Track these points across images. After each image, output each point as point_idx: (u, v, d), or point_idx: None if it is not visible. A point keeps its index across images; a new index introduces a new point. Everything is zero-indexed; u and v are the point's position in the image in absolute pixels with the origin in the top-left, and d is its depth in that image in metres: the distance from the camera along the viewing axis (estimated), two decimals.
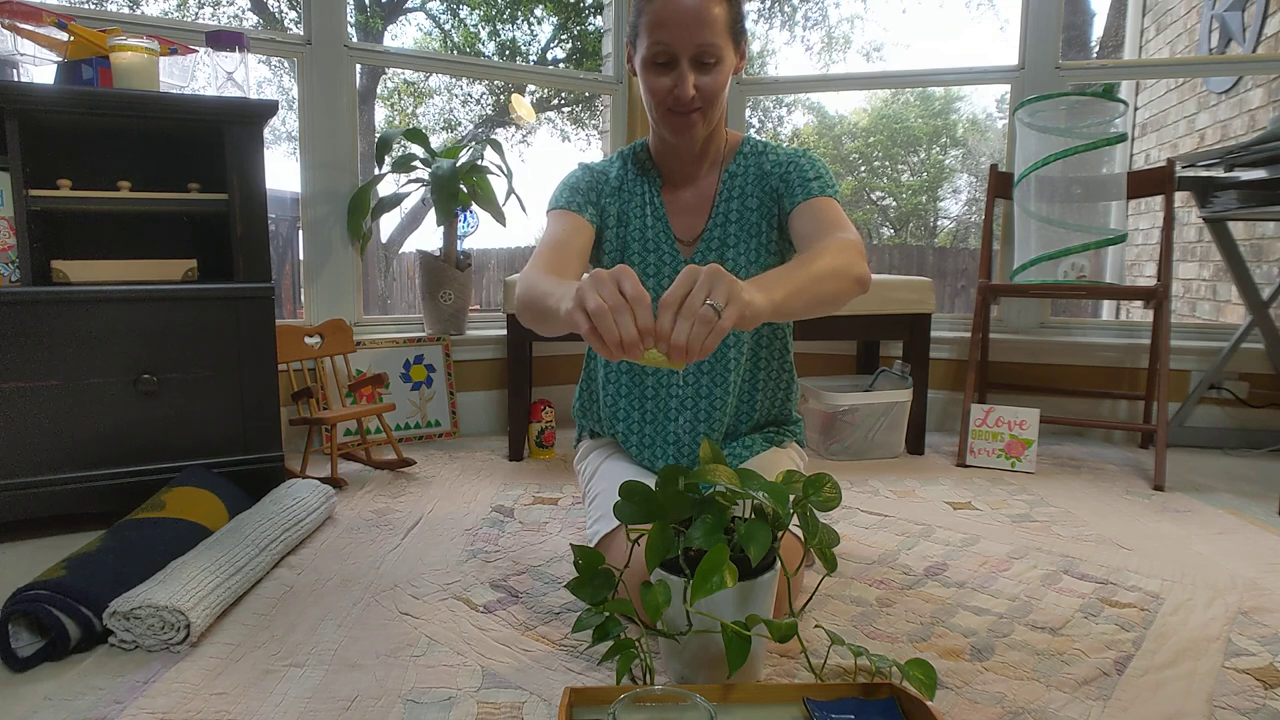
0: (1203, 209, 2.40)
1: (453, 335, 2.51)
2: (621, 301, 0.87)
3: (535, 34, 10.39)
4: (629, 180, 1.39)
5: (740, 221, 1.35)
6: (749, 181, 1.36)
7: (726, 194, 1.36)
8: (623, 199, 1.38)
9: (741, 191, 1.36)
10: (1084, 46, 7.67)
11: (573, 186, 1.36)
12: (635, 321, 0.86)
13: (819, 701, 0.93)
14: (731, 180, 1.36)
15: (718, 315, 0.86)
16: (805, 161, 1.31)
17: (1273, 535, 1.67)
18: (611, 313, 0.86)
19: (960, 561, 1.50)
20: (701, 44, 1.19)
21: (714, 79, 1.22)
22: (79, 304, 1.56)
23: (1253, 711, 1.00)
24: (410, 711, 0.98)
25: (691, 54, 1.20)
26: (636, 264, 1.37)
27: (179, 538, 1.35)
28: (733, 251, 1.36)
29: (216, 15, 9.47)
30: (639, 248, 1.38)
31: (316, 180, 2.36)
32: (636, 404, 1.41)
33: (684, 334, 0.85)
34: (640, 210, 1.38)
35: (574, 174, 1.39)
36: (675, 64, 1.21)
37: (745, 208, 1.35)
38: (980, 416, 2.24)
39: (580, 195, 1.35)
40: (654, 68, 1.22)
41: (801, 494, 1.03)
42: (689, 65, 1.20)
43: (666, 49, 1.20)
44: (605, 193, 1.37)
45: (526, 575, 1.41)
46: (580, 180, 1.37)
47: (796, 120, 14.54)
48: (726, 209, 1.36)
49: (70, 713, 0.97)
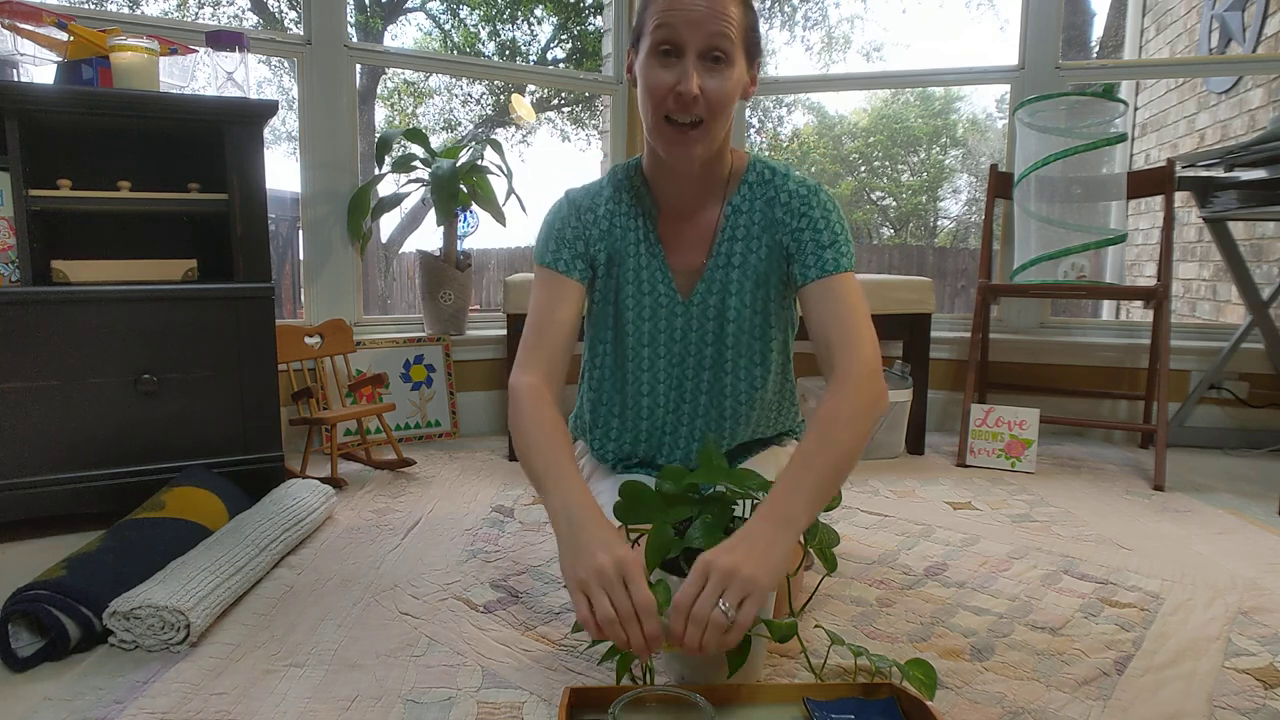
0: (1203, 209, 2.40)
1: (453, 335, 2.51)
2: (629, 611, 0.87)
3: (535, 34, 10.39)
4: (621, 214, 1.25)
5: (743, 267, 1.23)
6: (755, 222, 1.22)
7: (730, 232, 1.23)
8: (614, 238, 1.25)
9: (746, 233, 1.22)
10: (1084, 46, 7.67)
11: (558, 236, 1.24)
12: (644, 631, 0.87)
13: (819, 701, 0.93)
14: (736, 216, 1.22)
15: (730, 620, 0.85)
16: (819, 215, 1.18)
17: (1273, 535, 1.67)
18: (621, 621, 0.87)
19: (960, 561, 1.50)
20: (713, 33, 1.07)
21: (721, 84, 1.09)
22: (79, 304, 1.56)
23: (1253, 711, 1.00)
24: (410, 711, 0.98)
25: (700, 47, 1.08)
26: (630, 307, 1.26)
27: (179, 538, 1.35)
28: (735, 300, 1.24)
29: (216, 15, 9.47)
30: (633, 290, 1.26)
31: (316, 180, 2.36)
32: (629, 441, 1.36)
33: (696, 639, 0.86)
34: (634, 248, 1.25)
35: (560, 215, 1.25)
36: (681, 56, 1.08)
37: (749, 252, 1.22)
38: (980, 416, 2.24)
39: (567, 248, 1.23)
40: (657, 58, 1.09)
41: None
42: (696, 60, 1.08)
43: (674, 36, 1.07)
44: (594, 237, 1.24)
45: (526, 575, 1.41)
46: (566, 227, 1.24)
47: (796, 120, 14.54)
48: (729, 250, 1.23)
49: (70, 713, 0.97)
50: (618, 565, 0.89)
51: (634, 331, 1.27)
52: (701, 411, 1.31)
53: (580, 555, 0.92)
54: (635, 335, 1.28)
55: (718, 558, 0.88)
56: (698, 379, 1.29)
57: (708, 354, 1.27)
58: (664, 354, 1.28)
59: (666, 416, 1.32)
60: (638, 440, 1.35)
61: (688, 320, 1.26)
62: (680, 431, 1.33)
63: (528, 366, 1.16)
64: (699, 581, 0.87)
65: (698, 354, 1.28)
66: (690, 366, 1.29)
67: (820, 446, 1.00)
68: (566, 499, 0.99)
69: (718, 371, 1.28)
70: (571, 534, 0.95)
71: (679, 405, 1.31)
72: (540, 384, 1.14)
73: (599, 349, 1.33)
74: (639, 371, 1.29)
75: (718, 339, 1.26)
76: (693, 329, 1.27)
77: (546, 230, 1.26)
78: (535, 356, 1.17)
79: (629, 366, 1.29)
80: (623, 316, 1.27)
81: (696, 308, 1.25)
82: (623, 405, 1.33)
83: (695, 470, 1.07)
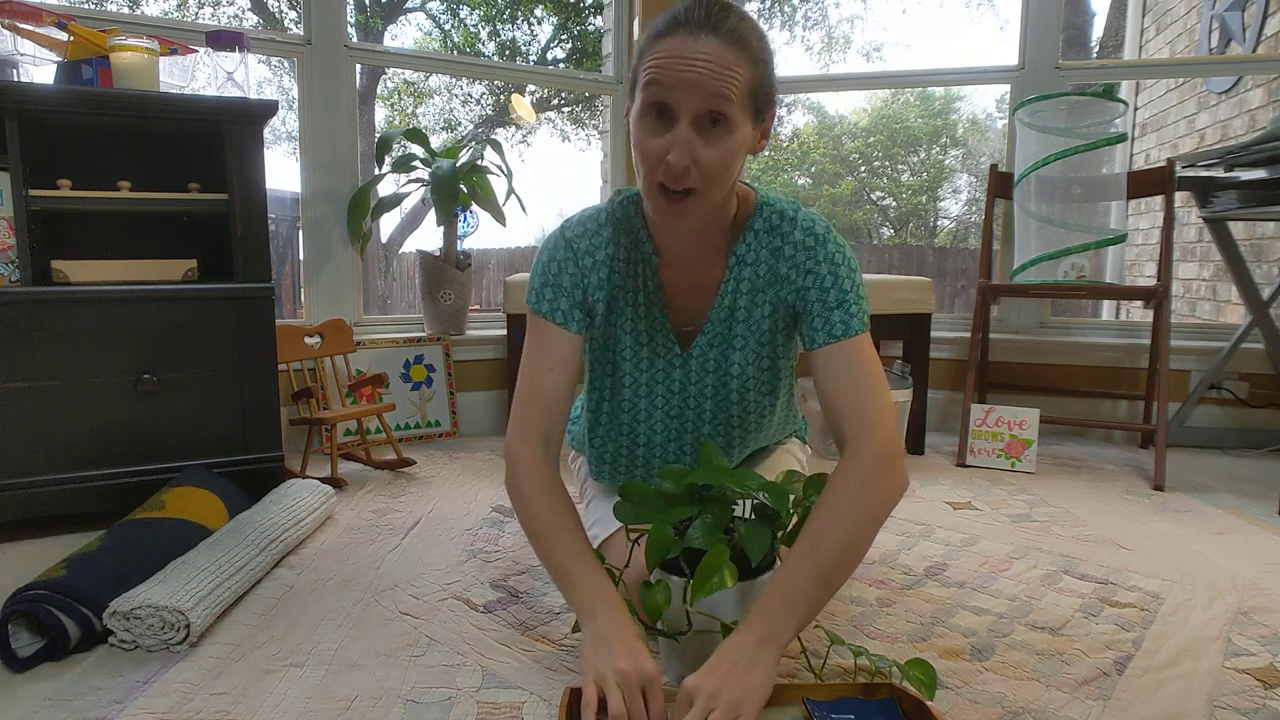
0: (1203, 209, 2.40)
1: (453, 335, 2.51)
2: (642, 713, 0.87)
3: (535, 34, 10.39)
4: (620, 259, 1.15)
5: (747, 323, 1.15)
6: (760, 275, 1.13)
7: (734, 284, 1.14)
8: (613, 284, 1.15)
9: (752, 286, 1.13)
10: (1084, 46, 7.67)
11: (554, 284, 1.14)
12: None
13: (819, 701, 0.93)
14: (740, 269, 1.13)
15: None
16: (827, 273, 1.08)
17: (1273, 535, 1.67)
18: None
19: (960, 561, 1.50)
20: (711, 96, 0.94)
21: (718, 152, 0.97)
22: (79, 304, 1.56)
23: (1253, 711, 1.00)
24: (410, 711, 0.98)
25: (695, 112, 0.95)
26: (628, 359, 1.19)
27: (179, 538, 1.35)
28: (739, 355, 1.16)
29: (216, 15, 9.47)
30: (630, 341, 1.18)
31: (316, 180, 2.36)
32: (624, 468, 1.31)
33: None
34: (633, 297, 1.16)
35: (556, 259, 1.14)
36: (674, 120, 0.96)
37: (754, 306, 1.14)
38: (980, 416, 2.24)
39: (565, 297, 1.13)
40: (648, 120, 0.98)
41: (801, 493, 1.03)
42: (690, 126, 0.96)
43: (666, 96, 0.95)
44: (592, 285, 1.14)
45: (526, 575, 1.41)
46: (563, 273, 1.14)
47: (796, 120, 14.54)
48: (733, 304, 1.14)
49: (70, 713, 0.97)
50: (641, 676, 0.88)
51: (631, 383, 1.20)
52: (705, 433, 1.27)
53: (606, 653, 0.91)
54: (633, 387, 1.21)
55: (701, 682, 0.86)
56: (697, 431, 1.24)
57: (707, 407, 1.21)
58: (661, 405, 1.22)
59: (665, 463, 1.27)
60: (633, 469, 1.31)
61: (686, 374, 1.19)
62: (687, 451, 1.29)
63: (525, 431, 1.11)
64: (684, 708, 0.86)
65: (697, 407, 1.21)
66: (690, 420, 1.22)
67: (812, 553, 0.93)
68: (593, 599, 0.98)
69: (717, 424, 1.23)
70: (597, 637, 0.94)
71: (679, 456, 1.27)
72: (539, 453, 1.11)
73: (594, 396, 1.28)
74: (635, 423, 1.24)
75: (717, 392, 1.20)
76: (691, 381, 1.20)
77: (543, 274, 1.15)
78: (532, 420, 1.11)
79: (624, 417, 1.24)
80: (620, 368, 1.20)
81: (696, 360, 1.18)
82: (615, 452, 1.29)
83: (695, 470, 1.07)
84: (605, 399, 1.25)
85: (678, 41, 0.95)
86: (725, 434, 1.24)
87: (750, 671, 0.87)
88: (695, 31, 0.95)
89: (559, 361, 1.13)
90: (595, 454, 1.32)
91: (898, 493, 1.00)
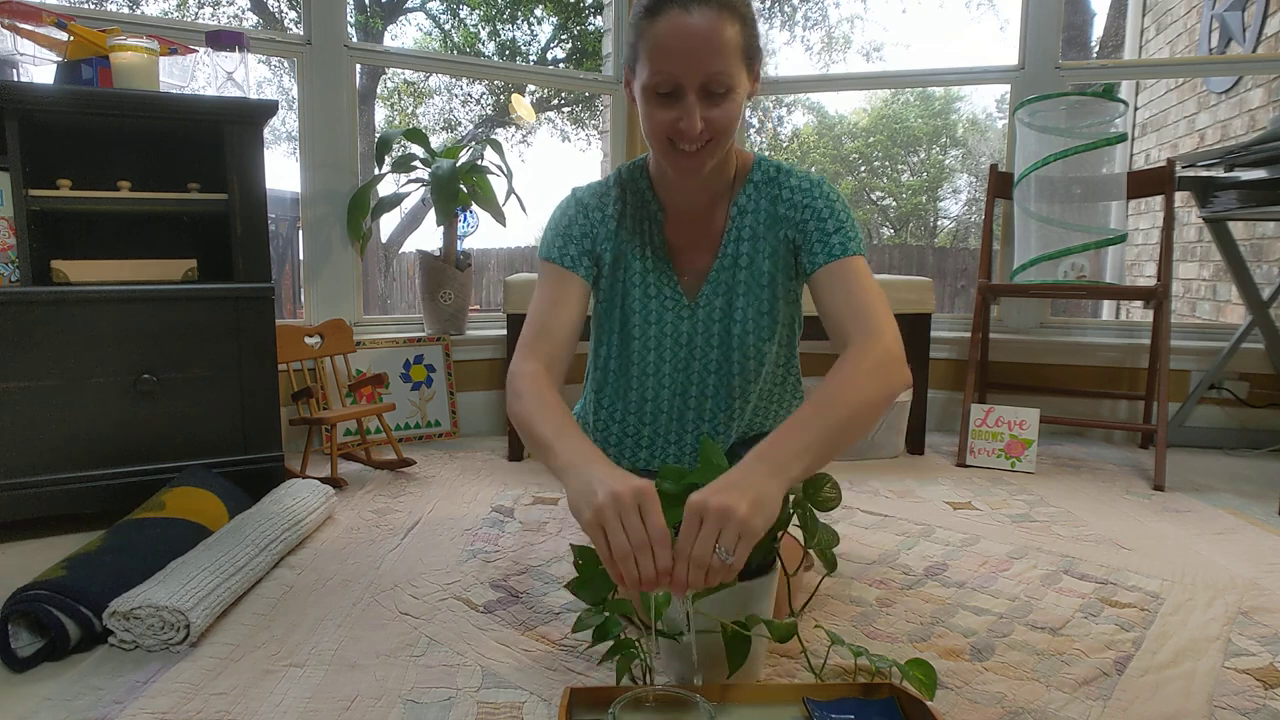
0: (1203, 209, 2.40)
1: (453, 335, 2.51)
2: (644, 540, 0.85)
3: (535, 34, 10.39)
4: (628, 216, 1.24)
5: (750, 268, 1.22)
6: (760, 221, 1.21)
7: (736, 233, 1.22)
8: (620, 239, 1.24)
9: (753, 233, 1.21)
10: (1084, 46, 7.66)
11: (565, 234, 1.22)
12: (656, 563, 0.85)
13: (819, 701, 0.93)
14: (741, 217, 1.22)
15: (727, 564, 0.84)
16: (823, 205, 1.17)
17: (1273, 535, 1.67)
18: (635, 552, 0.85)
19: (960, 561, 1.49)
20: (711, 73, 1.03)
21: (725, 110, 1.07)
22: (79, 304, 1.56)
23: (1253, 711, 1.00)
24: (410, 711, 0.98)
25: (700, 84, 1.04)
26: (636, 310, 1.25)
27: (179, 538, 1.35)
28: (742, 301, 1.22)
29: (216, 15, 9.47)
30: (639, 294, 1.24)
31: (316, 180, 2.36)
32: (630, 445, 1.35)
33: (699, 582, 0.85)
34: (641, 251, 1.24)
35: (566, 214, 1.24)
36: (681, 95, 1.05)
37: (756, 252, 1.21)
38: (980, 416, 2.24)
39: (574, 245, 1.21)
40: (656, 98, 1.07)
41: (801, 494, 1.03)
42: (697, 97, 1.05)
43: (672, 79, 1.04)
44: (600, 236, 1.23)
45: (526, 575, 1.41)
46: (573, 224, 1.22)
47: (796, 120, 14.55)
48: (735, 251, 1.22)
49: (70, 713, 0.97)
50: (635, 493, 0.87)
51: (640, 335, 1.26)
52: (707, 417, 1.31)
53: (595, 489, 0.89)
54: (641, 339, 1.26)
55: (710, 498, 0.85)
56: (703, 383, 1.28)
57: (713, 357, 1.26)
58: (669, 358, 1.27)
59: (670, 424, 1.32)
60: (639, 447, 1.34)
61: (694, 324, 1.25)
62: (685, 440, 1.32)
63: (528, 356, 1.12)
64: (695, 523, 0.85)
65: (703, 358, 1.27)
66: (695, 371, 1.28)
67: (821, 410, 0.96)
68: (575, 451, 0.96)
69: (723, 375, 1.27)
70: (582, 476, 0.92)
71: (683, 411, 1.30)
72: (541, 370, 1.10)
73: (603, 352, 1.32)
74: (644, 376, 1.28)
75: (723, 342, 1.25)
76: (699, 332, 1.25)
77: (554, 227, 1.24)
78: (536, 349, 1.13)
79: (634, 371, 1.28)
80: (629, 320, 1.26)
81: (703, 310, 1.24)
82: (624, 410, 1.32)
83: (695, 470, 1.06)
84: (613, 356, 1.30)
85: (673, 19, 1.03)
86: (727, 389, 1.28)
87: (760, 497, 0.87)
88: (687, 4, 1.02)
89: (565, 299, 1.18)
90: (602, 419, 1.35)
91: (903, 385, 1.04)
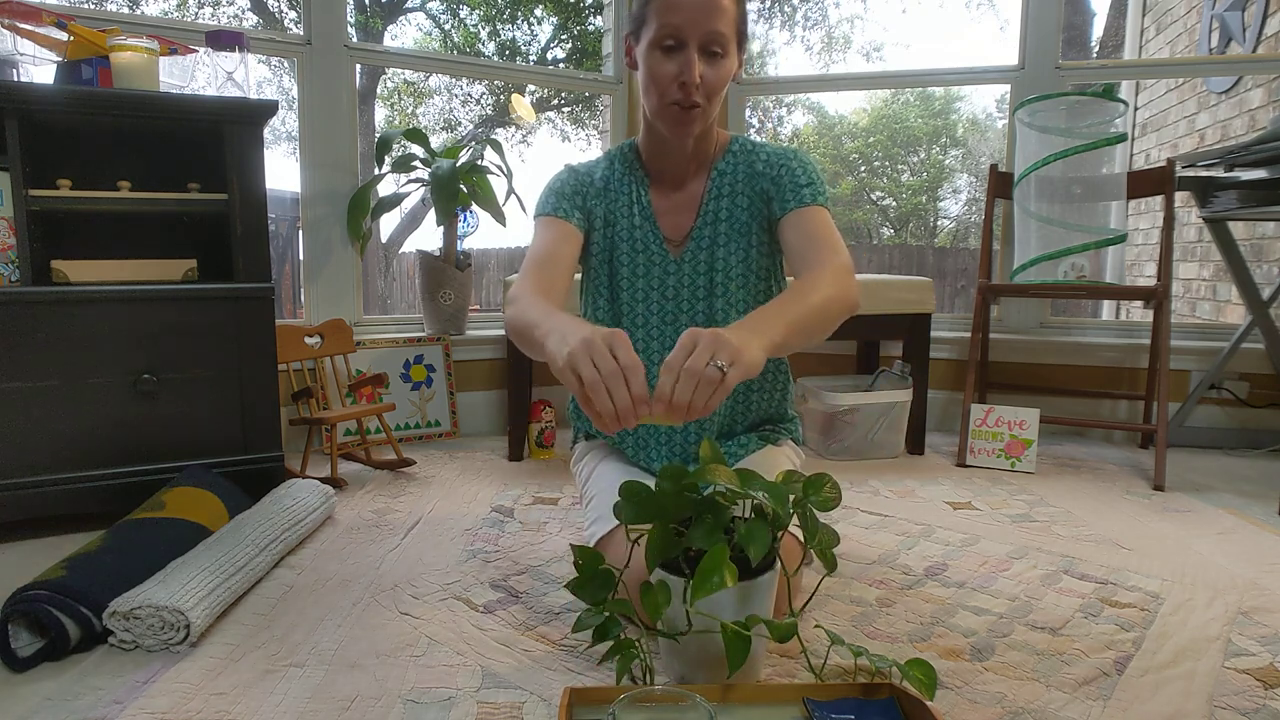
0: (1203, 209, 2.40)
1: (453, 335, 2.51)
2: (615, 369, 0.87)
3: (535, 34, 10.39)
4: (615, 180, 1.38)
5: (730, 220, 1.34)
6: (739, 180, 1.34)
7: (716, 192, 1.35)
8: (609, 199, 1.37)
9: (731, 190, 1.34)
10: (1084, 46, 7.66)
11: (558, 191, 1.35)
12: (630, 390, 0.87)
13: (819, 701, 0.93)
14: (721, 179, 1.35)
15: (723, 375, 0.87)
16: (796, 164, 1.30)
17: (1273, 535, 1.67)
18: (606, 381, 0.86)
19: (960, 561, 1.50)
20: (711, 30, 1.19)
21: (718, 72, 1.22)
22: (79, 304, 1.56)
23: (1253, 711, 1.00)
24: (410, 711, 0.98)
25: (700, 39, 1.19)
26: (625, 264, 1.37)
27: (179, 538, 1.35)
28: (723, 251, 1.35)
29: (216, 15, 9.47)
30: (627, 248, 1.37)
31: (316, 180, 2.36)
32: None
33: (687, 394, 0.86)
34: (628, 210, 1.37)
35: (559, 177, 1.38)
36: (683, 48, 1.20)
37: (735, 206, 1.34)
38: (980, 416, 2.24)
39: (566, 200, 1.34)
40: (660, 51, 1.21)
41: (801, 494, 1.03)
42: (697, 51, 1.20)
43: (676, 31, 1.19)
44: (591, 194, 1.37)
45: (526, 575, 1.41)
46: (565, 184, 1.36)
47: (796, 120, 14.55)
48: (716, 207, 1.35)
49: (70, 713, 0.97)
50: (606, 337, 0.90)
51: (628, 288, 1.37)
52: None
53: (569, 339, 0.92)
54: (630, 291, 1.37)
55: (699, 331, 0.90)
56: None
57: (699, 308, 1.36)
58: (657, 310, 1.37)
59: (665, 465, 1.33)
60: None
61: (680, 277, 1.36)
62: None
63: (525, 281, 1.20)
64: (688, 345, 0.89)
65: (690, 309, 1.36)
66: (683, 323, 1.36)
67: (793, 298, 1.07)
68: (559, 320, 1.01)
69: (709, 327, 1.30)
70: (560, 334, 0.95)
71: None
72: (539, 292, 1.17)
73: (594, 307, 1.42)
74: (633, 329, 1.38)
75: (708, 293, 1.35)
76: (684, 285, 1.36)
77: (546, 190, 1.37)
78: (536, 277, 1.22)
79: (624, 324, 1.38)
80: (617, 274, 1.38)
81: (688, 264, 1.35)
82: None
83: (695, 470, 1.07)
84: (603, 308, 1.41)
85: None
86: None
87: (746, 342, 0.92)
88: None
89: (561, 238, 1.30)
90: None
91: (855, 298, 1.15)
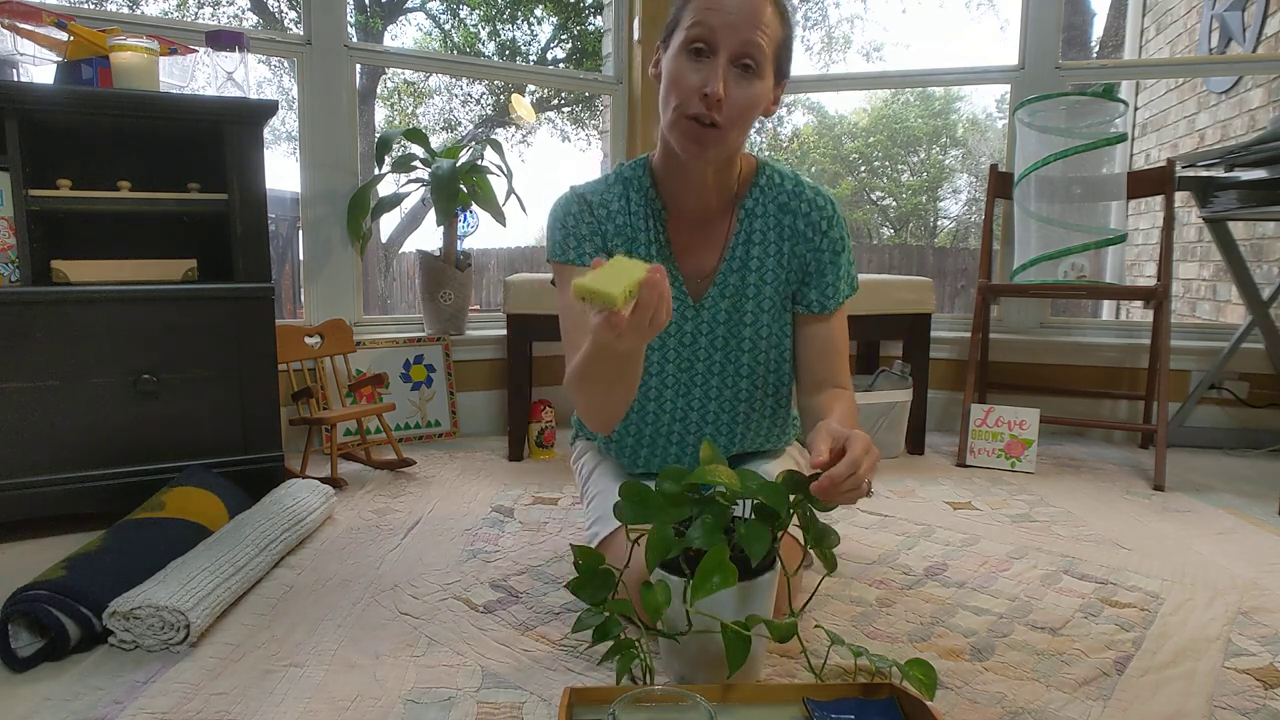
0: (1203, 209, 2.40)
1: (453, 335, 2.51)
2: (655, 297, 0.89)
3: (535, 34, 10.39)
4: (631, 213, 1.23)
5: (760, 272, 1.23)
6: (770, 226, 1.23)
7: (745, 235, 1.23)
8: (628, 235, 1.23)
9: (763, 237, 1.23)
10: (1084, 46, 7.66)
11: (575, 233, 1.22)
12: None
13: (819, 701, 0.93)
14: (750, 220, 1.23)
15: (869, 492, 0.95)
16: (838, 238, 1.22)
17: (1273, 535, 1.67)
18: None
19: (960, 561, 1.49)
20: (748, 40, 1.06)
21: (746, 93, 1.08)
22: (79, 304, 1.56)
23: (1253, 711, 1.00)
24: (410, 711, 0.98)
25: (734, 49, 1.07)
26: None
27: (179, 538, 1.35)
28: (752, 304, 1.24)
29: (216, 15, 9.47)
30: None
31: (316, 180, 2.36)
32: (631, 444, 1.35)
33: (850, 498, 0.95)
34: (645, 249, 1.23)
35: (570, 211, 1.23)
36: (713, 56, 1.07)
37: (766, 255, 1.23)
38: (980, 416, 2.23)
39: (586, 243, 1.22)
40: (687, 56, 1.08)
41: (801, 494, 1.03)
42: (726, 64, 1.07)
43: (710, 34, 1.06)
44: (609, 232, 1.23)
45: (526, 575, 1.41)
46: (580, 223, 1.22)
47: (796, 120, 14.54)
48: (745, 254, 1.23)
49: (70, 713, 0.97)
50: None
51: None
52: (710, 419, 1.30)
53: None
54: None
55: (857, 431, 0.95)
56: (706, 385, 1.28)
57: (717, 359, 1.27)
58: (673, 359, 1.27)
59: (673, 424, 1.31)
60: (640, 445, 1.34)
61: (698, 325, 1.26)
62: (687, 440, 1.32)
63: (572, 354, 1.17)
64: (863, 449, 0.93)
65: (707, 359, 1.27)
66: (699, 372, 1.28)
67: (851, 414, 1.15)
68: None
69: (726, 377, 1.27)
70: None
71: (686, 412, 1.30)
72: None
73: None
74: (647, 376, 1.28)
75: (727, 344, 1.26)
76: (703, 334, 1.26)
77: (561, 227, 1.23)
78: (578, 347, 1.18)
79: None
80: None
81: (708, 311, 1.25)
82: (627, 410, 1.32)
83: (695, 470, 1.07)
84: None
85: None
86: (732, 392, 1.29)
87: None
88: None
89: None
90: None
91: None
